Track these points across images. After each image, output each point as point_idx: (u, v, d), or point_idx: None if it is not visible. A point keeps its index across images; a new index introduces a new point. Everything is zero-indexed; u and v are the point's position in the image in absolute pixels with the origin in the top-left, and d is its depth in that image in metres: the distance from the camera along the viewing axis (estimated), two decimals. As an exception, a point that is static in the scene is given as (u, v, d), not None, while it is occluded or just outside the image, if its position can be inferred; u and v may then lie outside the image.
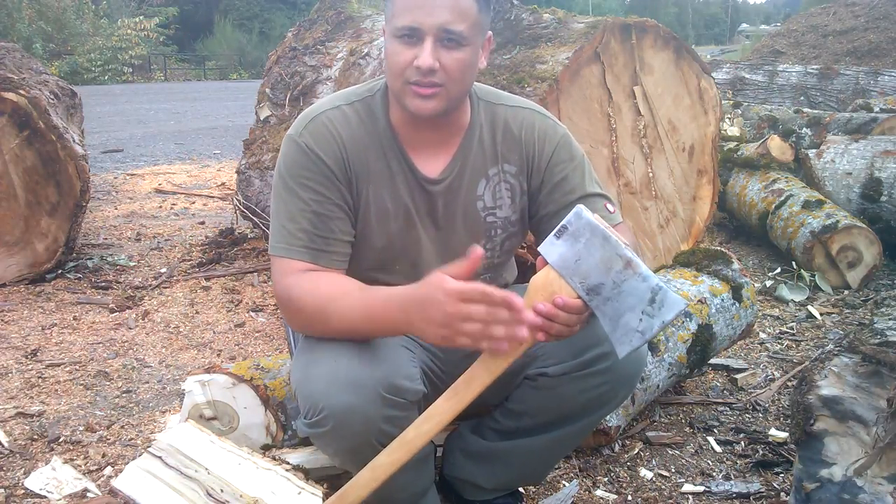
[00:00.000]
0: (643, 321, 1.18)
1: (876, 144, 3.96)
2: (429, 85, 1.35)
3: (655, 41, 2.94)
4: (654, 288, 1.17)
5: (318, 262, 1.40)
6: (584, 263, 1.18)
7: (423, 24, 1.32)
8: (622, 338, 1.19)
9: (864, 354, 1.48)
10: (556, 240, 1.20)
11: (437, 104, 1.38)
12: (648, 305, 1.17)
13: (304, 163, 1.42)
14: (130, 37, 25.73)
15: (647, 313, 1.17)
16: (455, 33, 1.33)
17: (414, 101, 1.37)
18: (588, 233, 1.18)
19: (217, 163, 7.54)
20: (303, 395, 1.33)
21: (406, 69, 1.35)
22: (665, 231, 3.14)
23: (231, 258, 3.92)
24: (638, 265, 1.18)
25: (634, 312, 1.18)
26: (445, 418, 1.24)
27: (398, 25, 1.34)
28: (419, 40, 1.34)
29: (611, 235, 1.19)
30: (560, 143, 1.54)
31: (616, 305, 1.18)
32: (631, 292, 1.17)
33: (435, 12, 1.32)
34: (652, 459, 2.05)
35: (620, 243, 1.18)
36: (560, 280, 1.20)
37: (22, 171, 3.43)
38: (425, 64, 1.32)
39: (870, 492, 1.35)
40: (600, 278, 1.18)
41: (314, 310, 1.33)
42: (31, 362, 2.67)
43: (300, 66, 3.74)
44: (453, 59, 1.35)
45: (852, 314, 3.19)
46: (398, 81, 1.38)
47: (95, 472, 1.96)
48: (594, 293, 1.18)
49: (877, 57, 9.35)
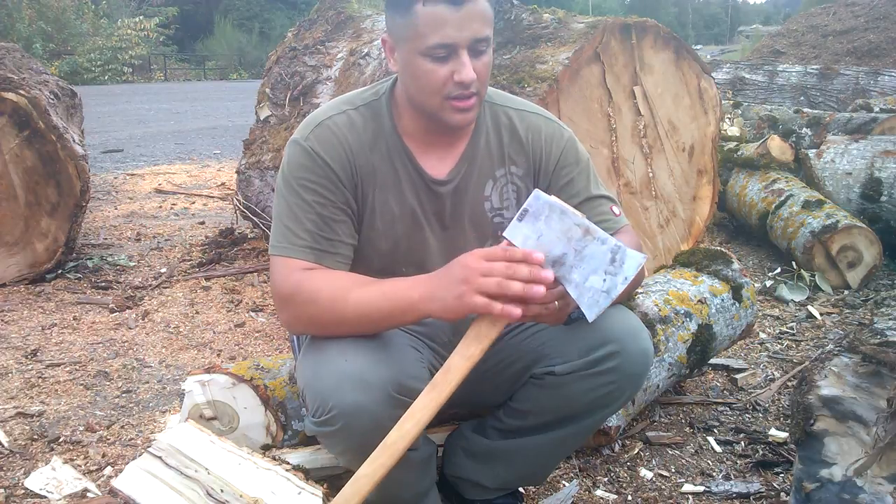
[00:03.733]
0: (607, 281, 1.23)
1: (876, 144, 3.96)
2: (469, 97, 1.36)
3: (655, 41, 2.94)
4: (614, 248, 1.23)
5: (322, 262, 1.40)
6: (546, 238, 1.24)
7: (457, 40, 1.32)
8: (589, 301, 1.23)
9: (864, 354, 1.48)
10: (519, 222, 1.26)
11: (475, 112, 1.40)
12: (610, 265, 1.23)
13: (310, 167, 1.41)
14: (130, 37, 25.74)
15: (609, 273, 1.23)
16: (484, 40, 1.34)
17: (455, 115, 1.38)
18: (547, 210, 1.24)
19: (217, 163, 7.54)
20: (311, 394, 1.33)
21: (445, 86, 1.35)
22: (665, 231, 3.14)
23: (231, 258, 3.92)
24: (596, 230, 1.24)
25: (598, 274, 1.23)
26: (426, 414, 1.22)
27: (430, 44, 1.32)
28: (452, 54, 1.33)
29: (567, 209, 1.25)
30: (566, 146, 1.55)
31: (580, 271, 1.23)
32: (592, 256, 1.23)
33: (466, 26, 1.31)
34: (652, 459, 2.05)
35: (577, 214, 1.24)
36: None
37: (22, 172, 3.43)
38: (469, 78, 1.33)
39: (870, 492, 1.35)
40: (562, 249, 1.23)
41: (330, 299, 1.33)
42: (31, 362, 2.67)
43: (300, 66, 3.74)
44: (483, 64, 1.36)
45: (852, 314, 3.19)
46: (436, 98, 1.37)
47: (95, 472, 1.96)
48: (559, 264, 1.24)
49: (877, 57, 9.35)
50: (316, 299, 1.34)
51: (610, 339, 1.43)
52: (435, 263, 1.51)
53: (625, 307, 1.52)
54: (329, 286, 1.34)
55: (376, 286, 1.33)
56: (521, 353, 1.55)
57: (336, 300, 1.32)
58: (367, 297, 1.31)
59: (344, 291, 1.33)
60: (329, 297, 1.33)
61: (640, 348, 1.46)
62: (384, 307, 1.30)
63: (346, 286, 1.34)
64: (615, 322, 1.45)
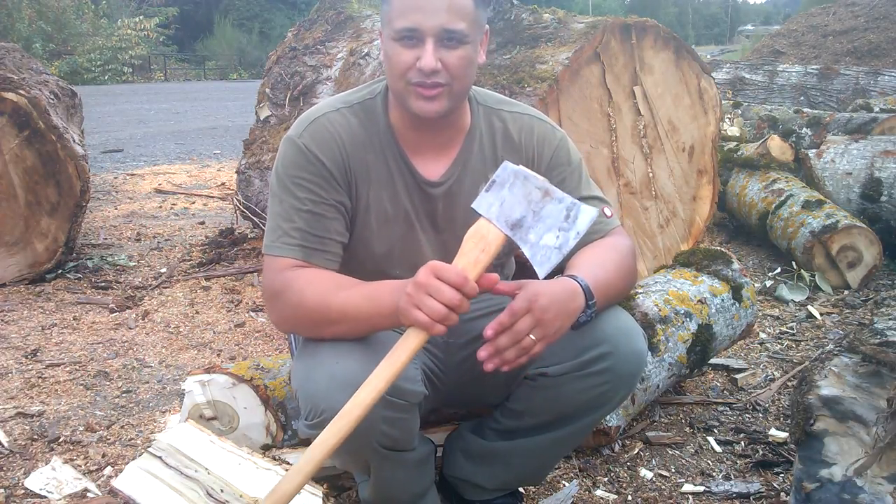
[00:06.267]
0: (559, 237, 1.25)
1: (876, 144, 3.96)
2: (432, 86, 1.36)
3: (655, 41, 2.94)
4: (570, 206, 1.26)
5: (311, 260, 1.40)
6: (507, 203, 1.26)
7: (422, 26, 1.32)
8: (542, 258, 1.25)
9: (864, 354, 1.48)
10: (486, 193, 1.28)
11: (441, 104, 1.39)
12: (564, 222, 1.25)
13: (302, 163, 1.42)
14: (130, 37, 25.75)
15: (562, 229, 1.25)
16: (455, 32, 1.34)
17: (417, 102, 1.38)
18: (511, 178, 1.27)
19: (217, 163, 7.54)
20: (304, 397, 1.33)
21: (408, 71, 1.35)
22: (665, 231, 3.14)
23: (231, 258, 3.92)
24: (554, 191, 1.27)
25: (552, 232, 1.25)
26: (382, 385, 1.20)
27: (397, 28, 1.34)
28: (420, 41, 1.34)
29: (531, 174, 1.28)
30: (558, 146, 1.55)
31: (536, 231, 1.25)
32: (548, 215, 1.26)
33: (434, 13, 1.32)
34: (652, 459, 2.05)
35: (539, 178, 1.27)
36: (488, 224, 1.27)
37: (22, 171, 3.43)
38: (428, 66, 1.33)
39: (870, 492, 1.35)
40: (522, 212, 1.26)
41: (315, 299, 1.33)
42: (31, 362, 2.67)
43: (300, 66, 3.74)
44: (455, 57, 1.35)
45: (852, 314, 3.19)
46: (400, 83, 1.38)
47: (95, 472, 1.96)
48: (517, 227, 1.25)
49: (877, 57, 9.34)
50: (302, 299, 1.34)
51: (603, 339, 1.43)
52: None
53: (620, 307, 1.51)
54: (315, 286, 1.35)
55: (360, 288, 1.34)
56: None
57: (321, 301, 1.33)
58: (350, 298, 1.32)
59: (330, 292, 1.33)
60: (314, 298, 1.33)
61: (633, 349, 1.46)
62: (364, 309, 1.30)
63: (332, 287, 1.34)
64: (608, 322, 1.44)
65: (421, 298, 1.19)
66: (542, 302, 1.23)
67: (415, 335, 1.21)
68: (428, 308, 1.18)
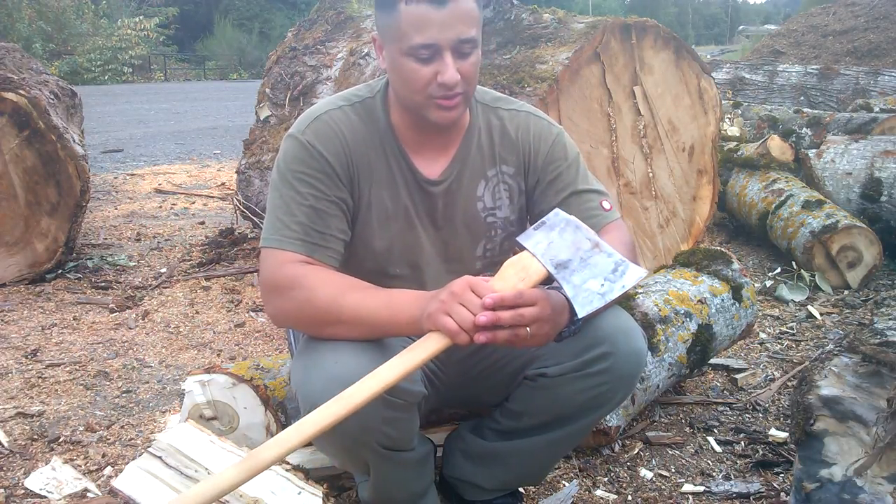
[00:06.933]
0: (604, 286, 1.27)
1: (876, 144, 3.96)
2: (454, 97, 1.36)
3: (655, 41, 2.94)
4: (619, 261, 1.28)
5: (313, 255, 1.39)
6: (555, 245, 1.30)
7: (439, 41, 1.31)
8: (584, 300, 1.27)
9: (864, 354, 1.48)
10: (535, 231, 1.32)
11: (460, 111, 1.41)
12: (611, 273, 1.28)
13: (306, 159, 1.42)
14: (130, 37, 25.75)
15: (608, 280, 1.27)
16: (469, 40, 1.34)
17: (439, 112, 1.38)
18: (563, 224, 1.31)
19: (217, 163, 7.54)
20: (303, 396, 1.33)
21: (428, 86, 1.35)
22: (665, 231, 3.14)
23: (231, 258, 3.92)
24: (605, 246, 1.29)
25: (597, 279, 1.27)
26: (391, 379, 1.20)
27: (412, 45, 1.32)
28: (436, 55, 1.33)
29: (583, 226, 1.31)
30: (555, 141, 1.56)
31: (581, 275, 1.28)
32: (595, 264, 1.28)
33: (450, 27, 1.31)
34: (652, 459, 2.05)
35: (591, 231, 1.31)
36: (531, 259, 1.29)
37: (22, 171, 3.43)
38: (452, 80, 1.33)
39: (870, 492, 1.35)
40: (569, 256, 1.28)
41: (328, 298, 1.32)
42: (31, 362, 2.67)
43: (300, 66, 3.75)
44: (469, 64, 1.36)
45: (852, 314, 3.19)
46: (419, 97, 1.37)
47: (95, 472, 1.96)
48: (562, 267, 1.28)
49: (877, 57, 9.34)
50: (312, 297, 1.33)
51: (602, 339, 1.43)
52: (428, 263, 1.52)
53: (619, 307, 1.51)
54: (329, 286, 1.34)
55: (375, 293, 1.33)
56: (515, 355, 1.55)
57: (333, 301, 1.32)
58: (366, 302, 1.31)
59: (342, 294, 1.32)
60: (326, 298, 1.32)
61: (633, 349, 1.46)
62: (383, 315, 1.30)
63: (346, 289, 1.34)
64: (608, 322, 1.44)
65: (453, 306, 1.21)
66: (549, 302, 1.25)
67: (436, 339, 1.23)
68: (458, 316, 1.20)
